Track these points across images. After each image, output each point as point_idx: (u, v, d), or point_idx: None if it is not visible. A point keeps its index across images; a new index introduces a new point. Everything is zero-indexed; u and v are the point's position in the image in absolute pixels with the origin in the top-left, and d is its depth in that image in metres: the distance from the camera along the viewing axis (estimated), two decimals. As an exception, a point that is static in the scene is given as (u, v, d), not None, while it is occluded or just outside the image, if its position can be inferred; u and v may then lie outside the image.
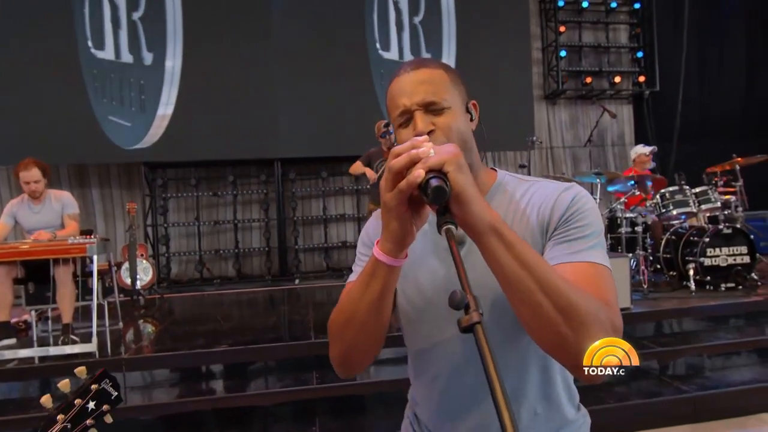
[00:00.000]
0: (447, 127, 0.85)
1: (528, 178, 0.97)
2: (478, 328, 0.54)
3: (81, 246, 3.39)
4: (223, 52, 6.01)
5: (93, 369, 3.00)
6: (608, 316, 0.73)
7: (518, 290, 0.71)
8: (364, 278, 0.81)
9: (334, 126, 5.96)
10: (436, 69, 0.89)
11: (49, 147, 5.47)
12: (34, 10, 5.77)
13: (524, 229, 0.88)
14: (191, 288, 6.00)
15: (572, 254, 0.81)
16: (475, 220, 0.69)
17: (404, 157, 0.68)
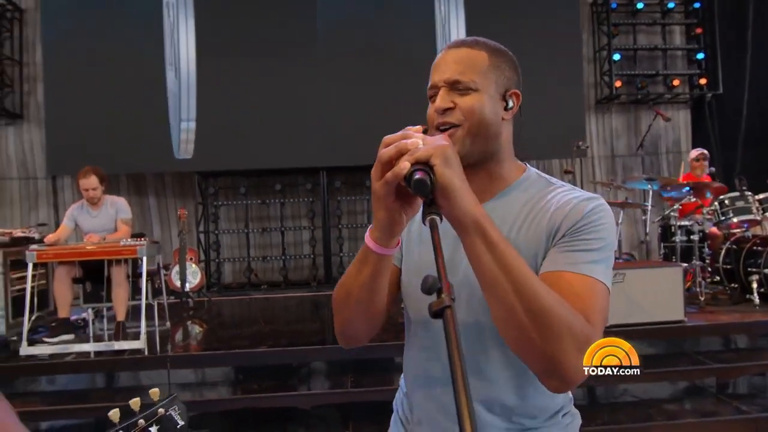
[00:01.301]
0: (468, 108, 0.85)
1: (557, 181, 0.95)
2: (447, 312, 0.54)
3: (132, 248, 3.60)
4: (270, 61, 6.21)
5: (141, 366, 3.15)
6: (584, 331, 0.72)
7: (493, 289, 0.72)
8: (357, 263, 0.83)
9: (380, 134, 5.97)
10: (479, 50, 0.88)
11: (110, 158, 5.83)
12: (105, 30, 6.25)
13: (533, 230, 0.87)
14: (240, 293, 6.19)
15: (571, 264, 0.80)
16: (459, 214, 0.69)
17: (392, 147, 0.69)
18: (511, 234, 0.88)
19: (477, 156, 0.88)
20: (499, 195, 0.92)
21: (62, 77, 6.32)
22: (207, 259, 6.48)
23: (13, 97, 6.96)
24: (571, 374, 0.72)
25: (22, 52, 7.06)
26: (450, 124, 0.86)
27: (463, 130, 0.86)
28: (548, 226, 0.86)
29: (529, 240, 0.86)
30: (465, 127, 0.86)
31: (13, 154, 7.01)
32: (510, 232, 0.88)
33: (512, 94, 0.91)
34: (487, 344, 0.88)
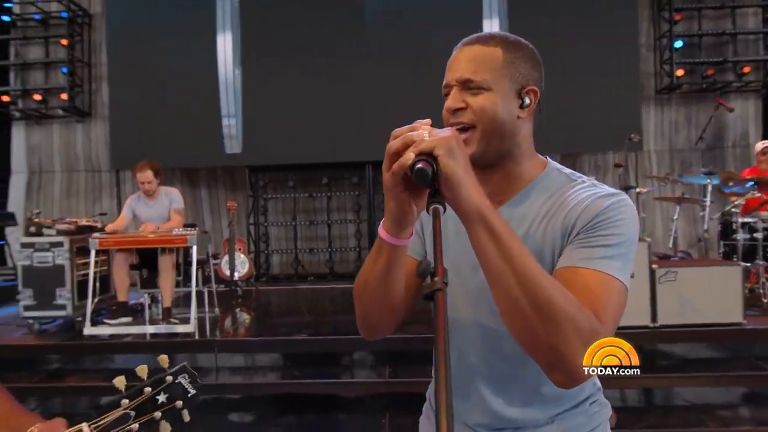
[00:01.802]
0: (479, 107, 0.84)
1: (578, 177, 0.93)
2: (438, 294, 0.56)
3: (183, 237, 3.79)
4: (318, 58, 6.33)
5: (190, 348, 3.33)
6: (591, 326, 0.71)
7: (497, 280, 0.73)
8: (373, 253, 0.84)
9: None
10: (494, 47, 0.86)
11: (167, 152, 6.17)
12: (163, 31, 6.59)
13: (551, 227, 0.86)
14: (287, 283, 6.38)
15: (584, 260, 0.79)
16: (463, 205, 0.70)
17: (399, 140, 0.70)
18: (530, 230, 0.87)
19: (493, 156, 0.88)
20: (519, 194, 0.91)
21: (125, 77, 6.73)
22: (256, 250, 6.72)
23: (82, 96, 7.47)
24: (576, 369, 0.71)
25: (91, 54, 7.55)
26: (462, 125, 0.85)
27: (477, 131, 0.85)
28: (564, 222, 0.84)
29: (546, 237, 0.86)
30: (479, 128, 0.85)
31: (81, 149, 7.54)
32: (530, 229, 0.87)
33: (529, 91, 0.88)
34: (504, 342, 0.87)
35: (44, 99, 7.38)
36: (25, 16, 7.54)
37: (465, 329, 0.91)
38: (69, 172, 7.56)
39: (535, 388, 0.89)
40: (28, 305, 3.98)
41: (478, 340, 0.90)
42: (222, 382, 3.51)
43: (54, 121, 7.61)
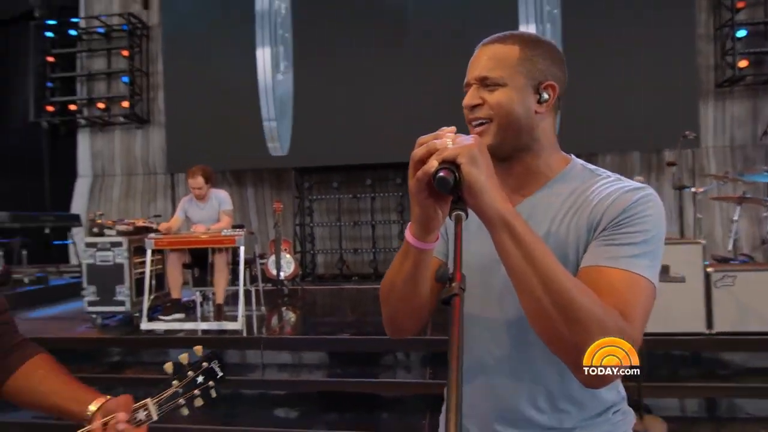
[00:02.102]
0: (495, 103, 0.86)
1: (603, 172, 0.93)
2: (455, 299, 0.58)
3: (231, 238, 3.95)
4: (361, 60, 6.42)
5: (238, 345, 3.47)
6: (618, 326, 0.71)
7: (520, 283, 0.74)
8: (399, 256, 0.87)
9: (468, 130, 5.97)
10: (511, 45, 0.89)
11: (217, 156, 6.44)
12: (214, 40, 6.88)
13: (575, 223, 0.86)
14: (332, 283, 6.49)
15: (610, 259, 0.79)
16: (486, 211, 0.72)
17: (423, 147, 0.73)
18: (552, 227, 0.87)
19: (508, 150, 0.89)
20: (540, 189, 0.92)
21: (179, 85, 7.08)
22: (302, 250, 6.88)
23: (141, 104, 7.90)
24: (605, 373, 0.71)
25: (149, 63, 7.98)
26: (480, 120, 0.88)
27: (493, 124, 0.87)
28: (590, 218, 0.84)
29: (571, 233, 0.85)
30: (495, 121, 0.87)
31: (139, 153, 7.98)
32: (552, 225, 0.87)
33: (547, 86, 0.89)
34: (529, 339, 0.86)
35: (107, 107, 7.87)
36: (90, 30, 8.05)
37: (490, 325, 0.92)
38: (128, 176, 8.03)
39: (559, 390, 0.88)
40: (91, 301, 4.26)
41: (503, 336, 0.91)
42: (268, 378, 3.62)
43: (116, 127, 8.09)
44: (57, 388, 0.97)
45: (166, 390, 0.94)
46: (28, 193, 7.96)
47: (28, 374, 0.99)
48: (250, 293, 4.51)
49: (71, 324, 4.41)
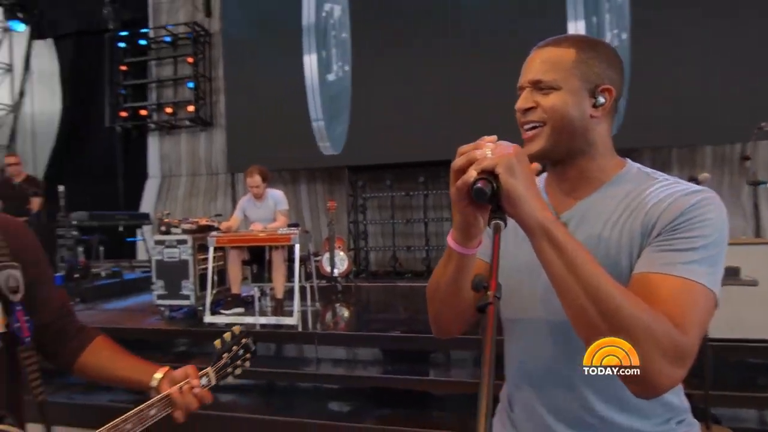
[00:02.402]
0: (549, 106, 0.86)
1: (660, 175, 0.90)
2: (489, 308, 0.59)
3: (287, 236, 4.08)
4: (413, 58, 6.44)
5: (293, 340, 3.59)
6: (669, 334, 0.69)
7: (563, 291, 0.73)
8: (443, 260, 0.88)
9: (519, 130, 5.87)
10: (566, 48, 0.88)
11: (274, 156, 6.70)
12: (271, 44, 7.13)
13: (629, 227, 0.84)
14: (385, 280, 6.55)
15: (665, 265, 0.76)
16: (525, 220, 0.72)
17: (463, 157, 0.74)
18: (605, 231, 0.85)
19: (562, 153, 0.89)
20: (594, 192, 0.90)
21: (237, 89, 7.40)
22: (356, 248, 6.99)
23: (205, 108, 8.31)
24: (655, 380, 0.70)
25: (211, 69, 8.37)
26: (532, 123, 0.88)
27: (546, 128, 0.87)
28: (644, 221, 0.82)
29: (624, 237, 0.83)
30: (549, 125, 0.87)
31: (203, 154, 8.39)
32: (604, 229, 0.86)
33: (603, 90, 0.87)
34: (575, 342, 0.85)
35: (174, 112, 8.33)
36: (158, 39, 8.55)
37: (535, 327, 0.92)
38: (192, 176, 8.47)
39: (614, 396, 0.86)
40: (160, 294, 4.54)
41: (548, 340, 0.90)
42: (322, 372, 3.72)
43: (182, 130, 8.55)
44: (122, 363, 1.13)
45: (219, 361, 1.15)
46: (104, 194, 8.58)
47: (95, 353, 1.13)
48: (306, 289, 4.64)
49: (142, 315, 4.73)
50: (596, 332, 0.71)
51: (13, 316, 0.99)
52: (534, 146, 0.88)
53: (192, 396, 1.06)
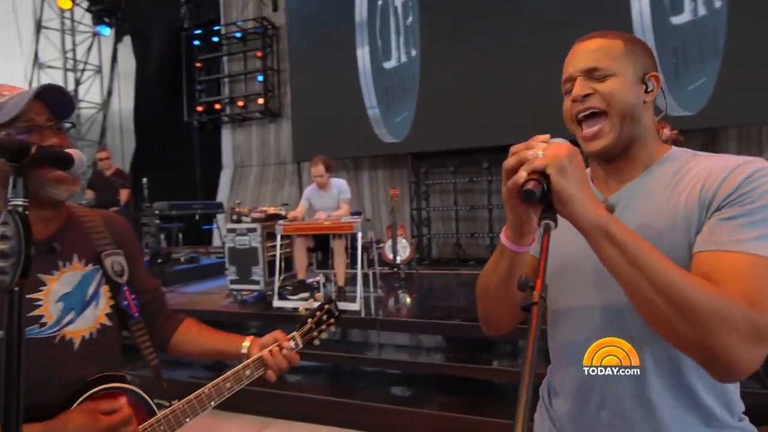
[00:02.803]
0: (608, 92, 0.86)
1: (707, 153, 0.88)
2: (534, 308, 0.59)
3: (350, 224, 4.18)
4: (475, 44, 6.30)
5: (356, 325, 3.69)
6: (745, 316, 0.67)
7: (629, 287, 0.72)
8: (495, 257, 0.89)
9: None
10: (612, 39, 0.89)
11: (335, 146, 6.84)
12: (333, 36, 7.25)
13: (683, 203, 0.82)
14: (448, 267, 6.54)
15: (731, 242, 0.74)
16: (578, 220, 0.72)
17: (514, 158, 0.74)
18: (656, 210, 0.84)
19: (625, 142, 0.89)
20: (641, 174, 0.90)
21: (302, 80, 7.61)
22: (419, 235, 7.01)
23: (273, 100, 8.62)
24: (736, 363, 0.68)
25: (279, 62, 8.65)
26: (591, 109, 0.88)
27: (610, 118, 0.87)
28: (701, 196, 0.79)
29: (679, 214, 0.81)
30: (611, 113, 0.87)
31: (272, 145, 8.73)
32: (655, 210, 0.85)
33: (651, 77, 0.89)
34: (629, 329, 0.85)
35: (245, 105, 8.72)
36: (229, 36, 8.94)
37: (586, 313, 0.91)
38: (262, 166, 8.84)
39: (668, 382, 0.83)
40: (232, 279, 4.82)
41: (603, 323, 0.88)
42: (384, 357, 3.80)
43: (252, 122, 8.94)
44: (211, 337, 1.25)
45: (305, 326, 1.28)
46: (184, 185, 9.18)
47: (186, 332, 1.26)
48: (368, 276, 4.74)
49: (218, 299, 5.04)
50: (670, 324, 0.70)
51: (121, 296, 1.12)
52: (600, 143, 0.88)
53: (282, 357, 1.17)
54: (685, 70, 5.36)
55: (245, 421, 3.34)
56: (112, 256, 1.13)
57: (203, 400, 1.10)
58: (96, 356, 1.06)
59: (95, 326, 1.07)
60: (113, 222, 1.19)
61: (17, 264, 0.66)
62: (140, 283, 1.20)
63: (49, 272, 1.03)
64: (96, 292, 1.09)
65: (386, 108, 7.00)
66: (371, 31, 7.09)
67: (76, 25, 9.82)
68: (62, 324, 1.02)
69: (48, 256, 1.03)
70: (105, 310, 1.10)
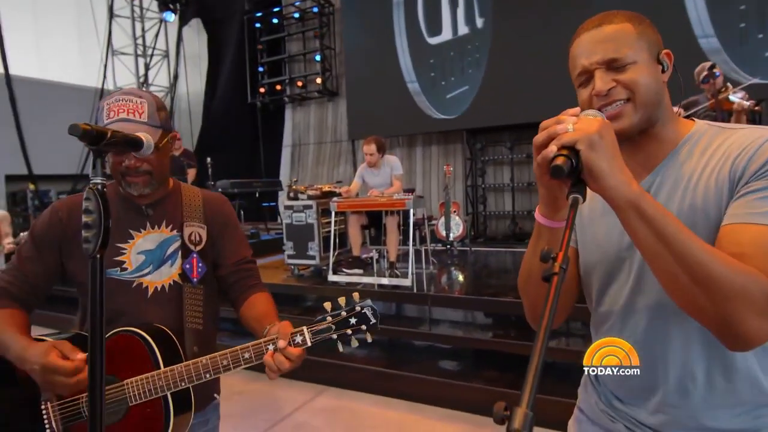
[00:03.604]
0: (632, 81, 0.84)
1: (734, 126, 0.87)
2: (553, 278, 0.59)
3: (401, 201, 4.25)
4: (531, 15, 6.10)
5: (408, 300, 3.77)
6: (764, 290, 0.69)
7: (654, 261, 0.74)
8: (533, 239, 0.87)
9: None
10: (621, 23, 0.87)
11: (389, 123, 6.87)
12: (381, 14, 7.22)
13: (713, 181, 0.82)
14: (503, 245, 6.48)
15: (755, 215, 0.74)
16: (611, 194, 0.71)
17: (544, 133, 0.73)
18: (687, 192, 0.84)
19: (645, 124, 0.87)
20: (670, 154, 0.89)
21: (357, 59, 7.66)
22: (474, 212, 6.97)
23: (331, 79, 8.74)
24: (750, 335, 0.70)
25: (335, 41, 8.73)
26: (617, 101, 0.85)
27: (632, 104, 0.85)
28: (732, 171, 0.79)
29: (711, 192, 0.81)
30: (634, 100, 0.85)
31: (330, 123, 8.89)
32: (687, 189, 0.84)
33: (664, 55, 0.88)
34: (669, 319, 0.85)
35: (304, 84, 8.91)
36: (288, 16, 9.10)
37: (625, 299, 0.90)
38: (319, 144, 9.05)
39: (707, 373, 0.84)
40: (290, 254, 5.04)
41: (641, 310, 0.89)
42: (434, 332, 3.89)
43: (311, 102, 9.13)
44: (260, 314, 1.26)
45: (320, 323, 1.09)
46: (248, 163, 9.57)
47: (249, 306, 1.31)
48: (420, 253, 4.81)
49: (276, 273, 5.29)
50: (692, 298, 0.71)
51: (188, 260, 1.26)
52: (623, 122, 0.85)
53: (281, 357, 1.06)
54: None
55: (301, 387, 3.55)
56: (193, 227, 1.30)
57: (198, 369, 1.10)
58: (164, 307, 1.23)
59: (168, 281, 1.25)
60: (210, 201, 1.37)
61: (98, 234, 0.77)
62: (225, 257, 1.33)
63: (138, 230, 1.25)
64: (174, 254, 1.27)
65: (431, 84, 6.93)
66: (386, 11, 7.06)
67: (144, 12, 10.34)
68: (140, 273, 1.23)
69: (141, 218, 1.26)
70: (179, 270, 1.26)
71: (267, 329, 1.15)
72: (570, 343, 3.47)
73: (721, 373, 0.84)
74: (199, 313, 1.26)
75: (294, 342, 1.07)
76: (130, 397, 1.11)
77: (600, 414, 1.01)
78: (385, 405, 3.32)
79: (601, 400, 1.01)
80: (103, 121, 1.13)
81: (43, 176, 8.86)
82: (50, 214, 1.24)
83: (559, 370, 3.29)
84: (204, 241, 1.30)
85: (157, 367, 1.12)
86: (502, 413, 0.49)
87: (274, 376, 1.08)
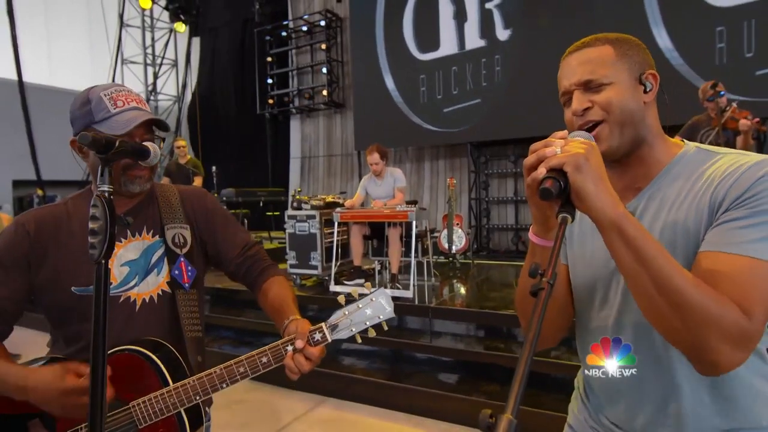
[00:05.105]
0: (605, 101, 0.87)
1: (724, 150, 0.88)
2: (540, 293, 0.61)
3: (404, 213, 4.26)
4: (541, 26, 6.16)
5: (409, 312, 3.77)
6: (737, 324, 0.71)
7: (632, 282, 0.76)
8: (528, 257, 0.90)
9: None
10: (601, 46, 0.89)
11: (396, 135, 6.93)
12: (394, 29, 7.31)
13: (695, 206, 0.83)
14: (506, 258, 6.47)
15: (732, 244, 0.75)
16: (596, 215, 0.74)
17: (533, 156, 0.76)
18: (670, 215, 0.85)
19: (628, 146, 0.89)
20: (657, 177, 0.90)
21: (362, 72, 7.74)
22: (477, 225, 6.98)
23: (338, 91, 8.81)
24: (721, 364, 0.72)
25: (343, 53, 8.82)
26: (592, 122, 0.88)
27: (608, 125, 0.87)
28: (712, 198, 0.81)
29: (691, 218, 0.83)
30: (609, 121, 0.87)
31: (338, 135, 8.95)
32: (670, 213, 0.86)
33: (648, 76, 0.89)
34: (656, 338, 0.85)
35: (311, 96, 8.99)
36: (296, 29, 9.22)
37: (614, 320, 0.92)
38: (328, 156, 9.10)
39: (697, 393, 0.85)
40: (292, 264, 5.06)
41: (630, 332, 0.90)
42: (435, 344, 3.88)
43: (319, 113, 9.20)
44: (276, 304, 1.21)
45: (339, 318, 1.08)
46: (255, 173, 9.63)
47: (266, 290, 1.27)
48: (422, 264, 4.81)
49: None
50: (666, 321, 0.73)
51: (176, 265, 1.19)
52: (602, 145, 0.87)
53: (301, 358, 1.04)
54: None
55: (300, 397, 3.55)
56: (175, 228, 1.22)
57: (213, 380, 1.05)
58: (156, 319, 1.16)
59: (157, 291, 1.18)
60: (188, 197, 1.29)
61: (104, 240, 0.80)
62: (227, 247, 1.28)
63: (118, 239, 1.15)
64: (159, 261, 1.20)
65: (418, 98, 7.04)
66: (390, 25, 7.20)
67: (155, 22, 10.50)
68: (126, 286, 1.15)
69: (119, 226, 1.13)
70: (166, 278, 1.19)
71: (285, 324, 1.12)
72: (561, 356, 3.46)
73: (708, 392, 0.85)
74: (197, 320, 1.21)
75: (314, 340, 1.05)
76: (139, 420, 1.04)
77: (590, 431, 1.02)
78: (385, 416, 3.31)
79: (591, 417, 1.02)
80: (110, 111, 1.08)
81: (51, 182, 8.94)
82: (14, 229, 1.14)
83: (552, 383, 3.29)
84: (189, 243, 1.23)
85: (165, 383, 1.06)
86: (487, 420, 0.50)
87: (295, 377, 1.06)
